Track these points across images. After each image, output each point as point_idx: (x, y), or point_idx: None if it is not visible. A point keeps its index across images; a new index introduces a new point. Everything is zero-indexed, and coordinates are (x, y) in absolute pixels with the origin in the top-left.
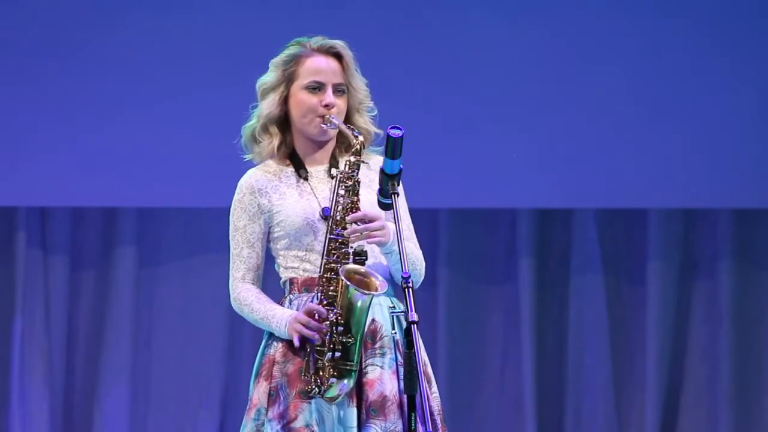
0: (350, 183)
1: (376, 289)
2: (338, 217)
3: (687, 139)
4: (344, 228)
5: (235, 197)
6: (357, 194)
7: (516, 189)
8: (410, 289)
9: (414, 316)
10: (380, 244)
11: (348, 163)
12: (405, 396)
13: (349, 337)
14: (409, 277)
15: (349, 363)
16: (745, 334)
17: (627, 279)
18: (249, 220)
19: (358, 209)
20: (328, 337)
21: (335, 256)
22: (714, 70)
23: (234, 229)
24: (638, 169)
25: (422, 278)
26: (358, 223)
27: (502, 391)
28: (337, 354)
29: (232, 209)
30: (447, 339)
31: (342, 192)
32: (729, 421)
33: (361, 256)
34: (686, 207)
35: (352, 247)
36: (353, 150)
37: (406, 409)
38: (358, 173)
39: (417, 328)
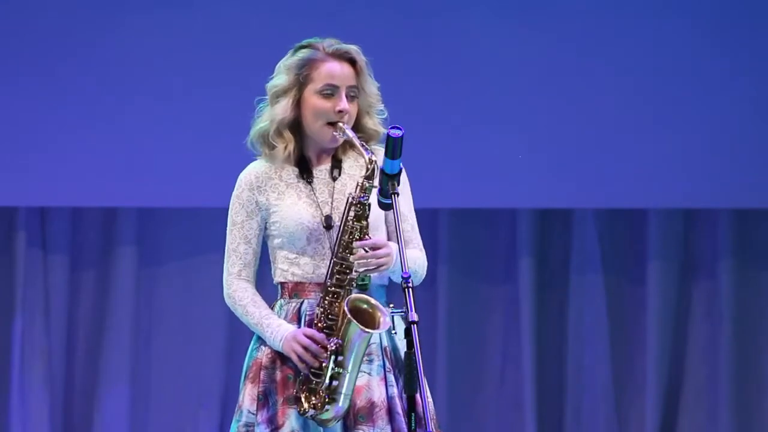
0: (360, 207)
1: (379, 327)
2: (345, 241)
3: (687, 139)
4: (350, 253)
5: (234, 192)
6: (366, 219)
7: (516, 189)
8: (410, 289)
9: (414, 316)
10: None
11: (361, 186)
12: (393, 401)
13: (346, 368)
14: (409, 276)
15: (346, 391)
16: (745, 334)
17: (627, 279)
18: (247, 216)
19: (366, 234)
20: (326, 363)
21: (337, 280)
22: (714, 70)
23: (232, 223)
24: (638, 169)
25: (423, 279)
26: (366, 250)
27: (502, 391)
28: (335, 383)
29: (230, 204)
30: (447, 339)
31: (352, 215)
32: (729, 421)
33: (364, 281)
34: (686, 207)
35: (356, 272)
36: (367, 173)
37: (395, 414)
38: (369, 197)
39: (417, 329)
